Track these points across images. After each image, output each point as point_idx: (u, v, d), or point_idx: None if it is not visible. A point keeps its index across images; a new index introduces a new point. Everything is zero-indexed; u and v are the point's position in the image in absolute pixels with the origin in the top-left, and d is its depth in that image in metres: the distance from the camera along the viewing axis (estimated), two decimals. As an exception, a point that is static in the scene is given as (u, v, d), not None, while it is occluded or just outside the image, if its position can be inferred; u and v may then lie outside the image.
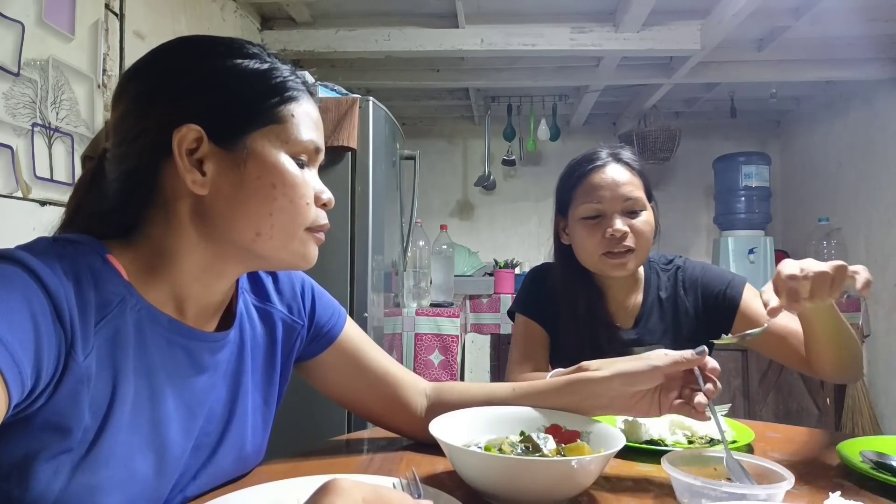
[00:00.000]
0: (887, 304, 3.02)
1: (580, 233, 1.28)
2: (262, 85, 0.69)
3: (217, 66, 0.69)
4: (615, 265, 1.25)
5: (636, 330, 1.32)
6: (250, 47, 0.72)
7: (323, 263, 1.77)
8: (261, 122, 0.68)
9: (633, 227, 1.24)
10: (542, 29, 2.72)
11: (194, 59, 0.69)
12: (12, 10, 1.37)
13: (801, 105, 3.82)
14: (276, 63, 0.72)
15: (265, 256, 0.71)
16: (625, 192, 1.25)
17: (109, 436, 0.60)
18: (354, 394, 0.92)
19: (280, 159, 0.69)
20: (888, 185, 3.02)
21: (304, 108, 0.72)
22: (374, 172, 2.00)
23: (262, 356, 0.82)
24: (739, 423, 1.00)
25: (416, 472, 0.68)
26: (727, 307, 1.27)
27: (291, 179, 0.69)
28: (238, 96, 0.68)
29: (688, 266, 1.35)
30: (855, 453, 0.82)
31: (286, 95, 0.70)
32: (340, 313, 0.93)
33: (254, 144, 0.68)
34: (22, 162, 1.40)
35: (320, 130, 0.76)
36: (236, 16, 2.56)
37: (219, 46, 0.71)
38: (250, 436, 0.79)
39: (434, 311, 2.74)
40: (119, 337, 0.62)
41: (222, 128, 0.67)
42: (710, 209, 3.92)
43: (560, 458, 0.73)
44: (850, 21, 2.58)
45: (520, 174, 4.19)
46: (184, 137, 0.65)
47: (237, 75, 0.69)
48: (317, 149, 0.74)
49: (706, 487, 0.64)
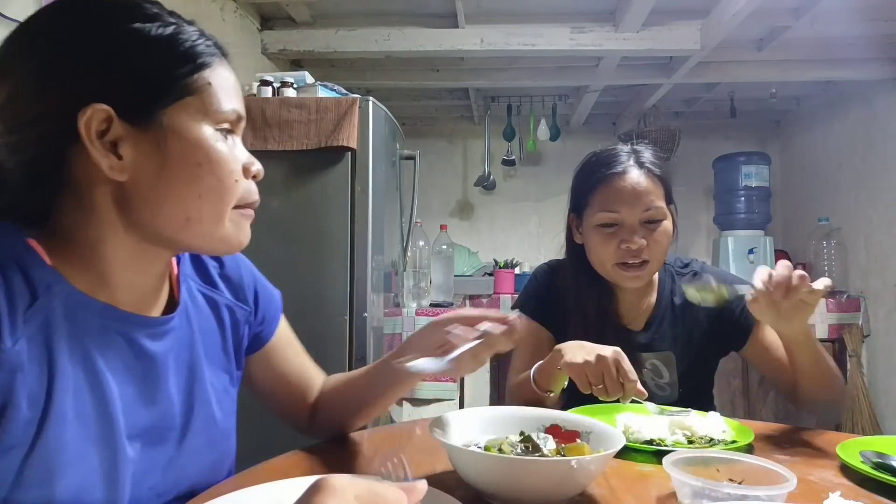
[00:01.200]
0: (887, 304, 3.02)
1: (595, 239, 1.25)
2: (170, 52, 0.63)
3: (116, 33, 0.61)
4: (629, 277, 1.22)
5: (647, 334, 1.29)
6: (149, 7, 0.64)
7: (323, 263, 1.77)
8: (175, 95, 0.62)
9: (651, 239, 1.20)
10: (542, 29, 2.72)
11: (88, 27, 0.61)
12: (12, 10, 1.36)
13: (800, 105, 3.82)
14: (182, 25, 0.65)
15: (196, 242, 0.67)
16: (645, 203, 1.21)
17: (53, 427, 0.57)
18: (270, 391, 0.92)
19: (203, 134, 0.63)
20: (888, 185, 3.02)
21: (221, 74, 0.66)
22: (373, 172, 2.00)
23: (213, 342, 0.80)
24: (739, 423, 1.00)
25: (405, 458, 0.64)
26: (742, 328, 1.25)
27: (217, 155, 0.64)
28: (146, 67, 0.61)
29: (702, 272, 1.32)
30: (855, 453, 0.82)
31: (199, 62, 0.64)
32: (278, 306, 0.91)
33: (171, 121, 0.62)
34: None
35: (239, 96, 0.69)
36: (236, 16, 2.56)
37: (113, 8, 0.63)
38: (219, 423, 0.77)
39: (434, 311, 2.74)
40: (49, 324, 0.59)
41: (133, 105, 0.60)
42: (710, 209, 3.92)
43: (560, 458, 0.73)
44: (850, 21, 2.58)
45: (520, 174, 4.19)
46: (91, 119, 0.58)
47: (141, 43, 0.62)
48: (239, 117, 0.68)
49: (707, 488, 0.64)
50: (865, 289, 3.17)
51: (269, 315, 0.89)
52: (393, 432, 1.02)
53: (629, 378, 0.96)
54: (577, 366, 0.99)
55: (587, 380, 0.98)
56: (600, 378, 0.97)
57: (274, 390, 0.92)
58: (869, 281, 3.15)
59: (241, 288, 0.84)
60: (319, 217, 1.97)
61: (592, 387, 0.98)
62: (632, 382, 0.96)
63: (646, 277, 1.23)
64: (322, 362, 0.98)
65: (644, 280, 1.24)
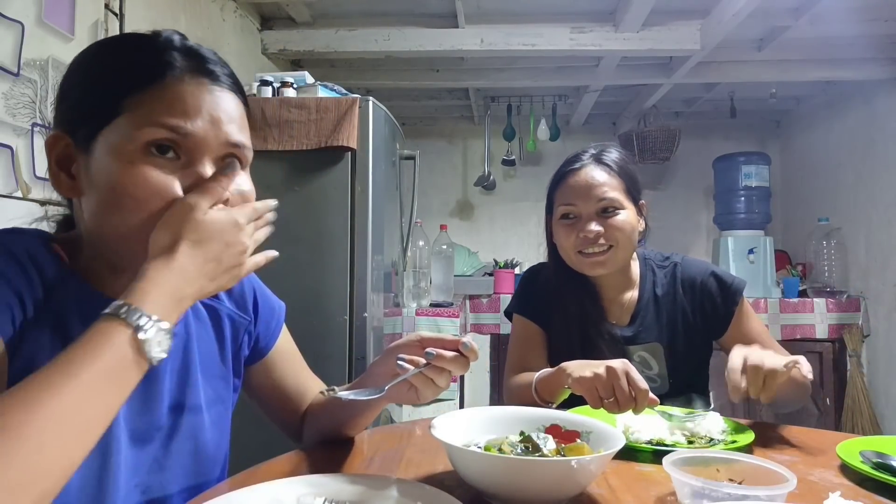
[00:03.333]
0: (887, 304, 3.02)
1: (559, 232, 1.32)
2: (106, 76, 0.65)
3: (80, 65, 0.68)
4: (591, 263, 1.27)
5: (632, 327, 1.32)
6: (128, 35, 0.69)
7: (323, 263, 1.77)
8: (106, 117, 0.63)
9: (608, 226, 1.26)
10: (542, 29, 2.72)
11: (75, 61, 0.68)
12: (12, 10, 1.36)
13: (800, 105, 3.82)
14: (141, 46, 0.66)
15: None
16: (598, 194, 1.27)
17: None
18: (265, 399, 0.93)
19: (118, 156, 0.62)
20: (888, 185, 3.02)
21: (170, 92, 0.63)
22: (373, 172, 2.00)
23: (210, 352, 0.81)
24: (739, 423, 1.00)
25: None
26: (724, 313, 1.28)
27: (133, 177, 0.61)
28: (87, 94, 0.65)
29: (685, 263, 1.35)
30: (855, 453, 0.82)
31: (133, 81, 0.63)
32: (280, 318, 0.92)
33: (99, 144, 0.63)
34: (22, 162, 1.40)
35: (207, 116, 0.64)
36: (236, 16, 2.56)
37: (96, 45, 0.69)
38: (208, 429, 0.78)
39: (434, 311, 2.74)
40: (63, 316, 0.64)
41: (77, 130, 0.65)
42: (710, 209, 3.92)
43: (560, 458, 0.73)
44: (850, 21, 2.58)
45: (519, 174, 4.19)
46: (54, 143, 0.66)
47: (88, 72, 0.67)
48: (184, 133, 0.63)
49: (707, 488, 0.64)
50: (865, 289, 3.17)
51: (270, 326, 0.89)
52: (393, 432, 1.02)
53: (640, 387, 0.94)
54: (586, 380, 0.98)
55: (597, 394, 0.97)
56: (611, 390, 0.95)
57: (269, 400, 0.93)
58: (869, 281, 3.15)
59: (242, 297, 0.86)
60: (319, 217, 1.97)
61: (603, 402, 0.97)
62: (643, 391, 0.94)
63: (610, 263, 1.27)
64: (322, 362, 0.98)
65: (609, 266, 1.27)
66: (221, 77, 0.68)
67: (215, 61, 0.69)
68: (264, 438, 1.01)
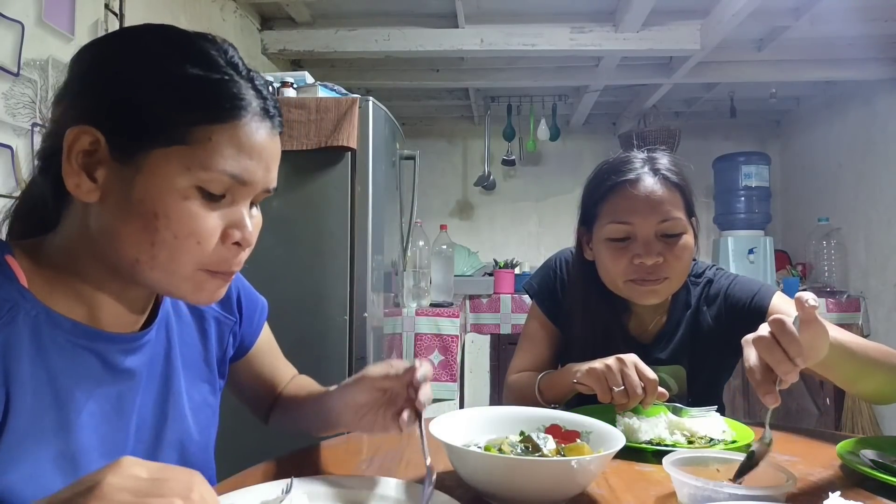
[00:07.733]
0: (887, 304, 3.02)
1: (605, 254, 1.13)
2: (179, 95, 0.60)
3: (139, 67, 0.61)
4: (644, 293, 1.10)
5: (656, 348, 1.20)
6: (207, 49, 0.63)
7: (323, 263, 1.78)
8: (164, 140, 0.59)
9: (670, 254, 1.08)
10: (542, 29, 2.72)
11: (122, 56, 0.62)
12: (12, 10, 1.36)
13: (800, 105, 3.82)
14: (225, 74, 0.62)
15: (150, 283, 0.64)
16: (660, 213, 1.08)
17: (7, 445, 0.57)
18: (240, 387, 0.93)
19: (174, 186, 0.59)
20: (888, 185, 3.02)
21: (240, 133, 0.61)
22: (373, 172, 2.00)
23: (194, 353, 0.79)
24: (739, 423, 1.00)
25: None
26: (754, 315, 1.10)
27: (181, 213, 0.60)
28: (147, 105, 0.60)
29: (716, 278, 1.21)
30: (855, 453, 0.82)
31: (209, 113, 0.60)
32: (262, 315, 0.91)
33: (149, 163, 0.59)
34: (22, 162, 1.40)
35: (264, 163, 0.65)
36: (236, 16, 2.56)
37: (164, 46, 0.62)
38: (195, 436, 0.76)
39: (434, 311, 2.74)
40: (9, 346, 0.58)
41: (119, 137, 0.60)
42: (710, 209, 3.92)
43: (560, 458, 0.73)
44: (850, 21, 2.58)
45: (520, 174, 4.19)
46: (76, 139, 0.59)
47: (154, 81, 0.60)
48: (243, 181, 0.62)
49: (707, 488, 0.64)
50: (865, 289, 3.17)
51: (253, 324, 0.89)
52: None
53: (649, 378, 0.93)
54: (596, 371, 0.97)
55: (607, 385, 0.96)
56: (621, 380, 0.95)
57: (243, 388, 0.93)
58: (869, 281, 3.15)
59: (227, 298, 0.84)
60: (319, 217, 1.97)
61: (613, 392, 0.95)
62: (653, 381, 0.93)
63: (663, 293, 1.12)
64: (322, 362, 0.98)
65: (661, 297, 1.13)
66: (276, 119, 0.66)
67: (275, 100, 0.66)
68: (263, 439, 1.01)
